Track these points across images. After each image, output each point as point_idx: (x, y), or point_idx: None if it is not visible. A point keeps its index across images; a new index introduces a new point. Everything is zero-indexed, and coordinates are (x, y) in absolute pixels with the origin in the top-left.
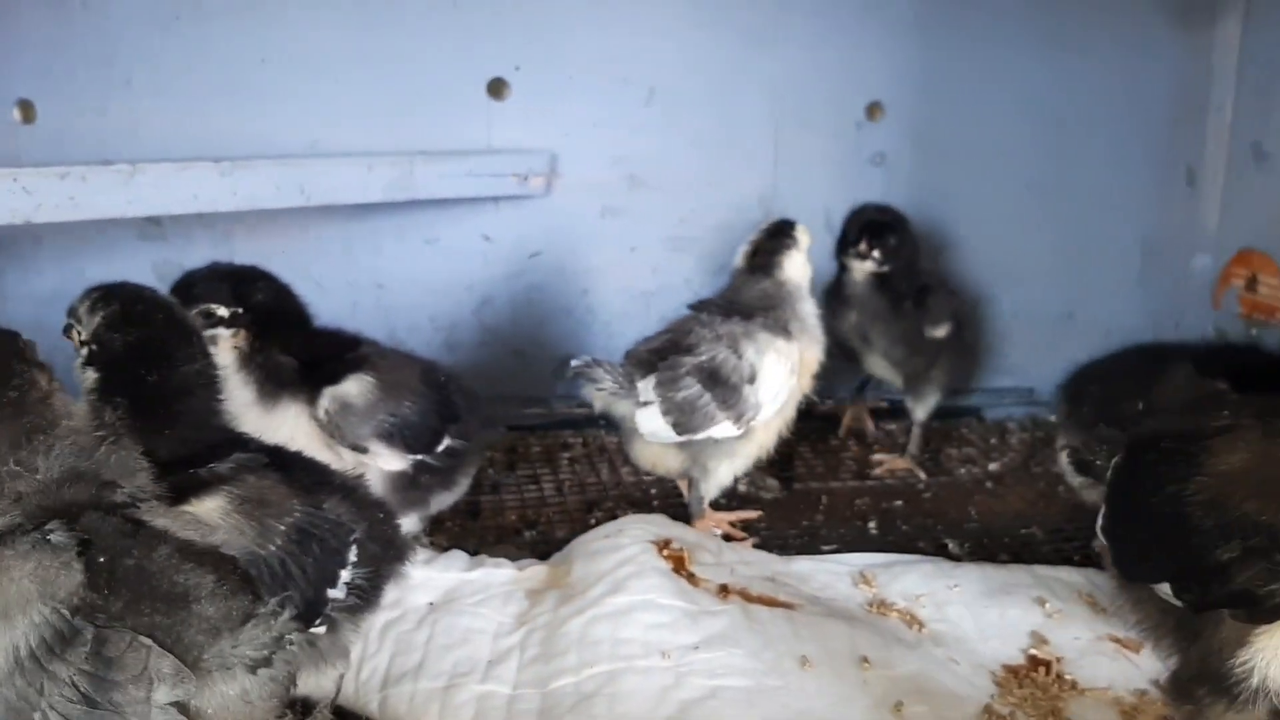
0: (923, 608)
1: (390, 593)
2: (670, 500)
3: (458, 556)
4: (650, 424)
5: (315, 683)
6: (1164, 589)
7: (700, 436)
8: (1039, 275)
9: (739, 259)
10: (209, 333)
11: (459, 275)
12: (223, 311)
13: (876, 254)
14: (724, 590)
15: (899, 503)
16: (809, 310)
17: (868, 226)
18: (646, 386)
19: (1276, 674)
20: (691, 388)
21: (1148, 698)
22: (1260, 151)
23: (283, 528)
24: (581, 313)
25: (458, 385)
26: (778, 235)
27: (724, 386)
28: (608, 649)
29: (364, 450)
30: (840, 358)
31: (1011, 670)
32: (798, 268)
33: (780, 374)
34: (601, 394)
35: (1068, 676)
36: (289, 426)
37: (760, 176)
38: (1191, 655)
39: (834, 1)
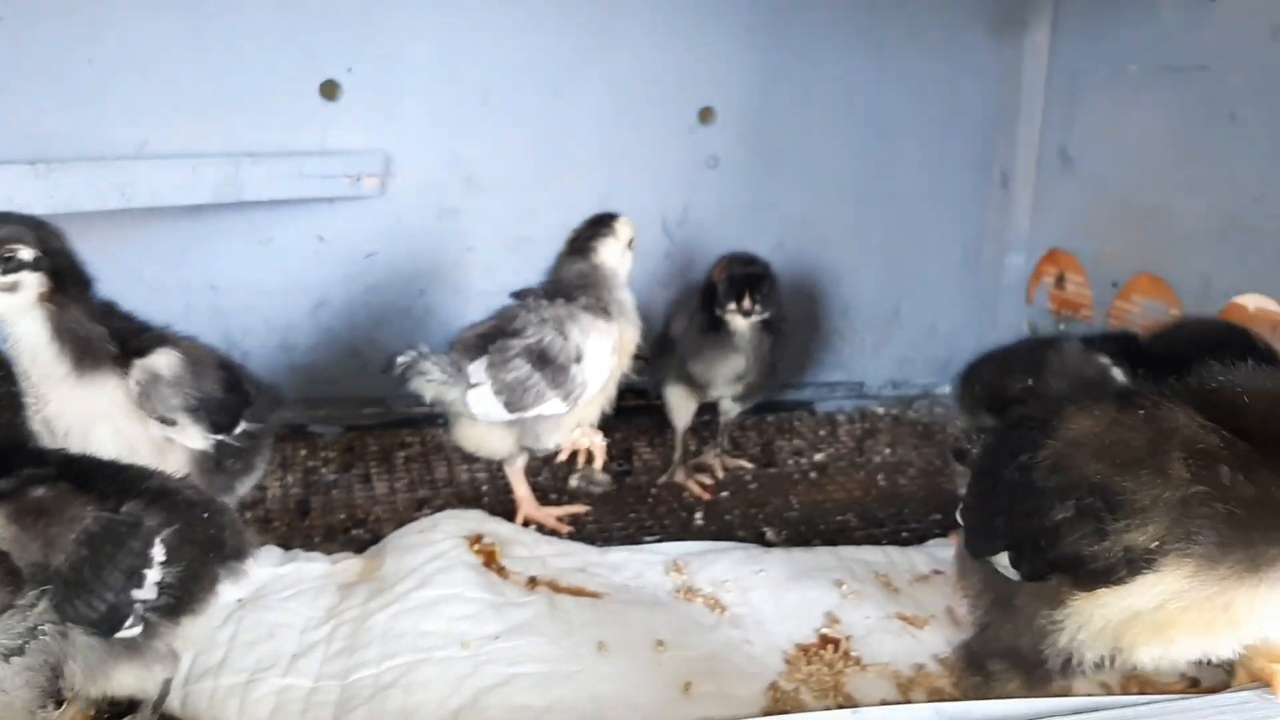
0: (728, 592)
1: (231, 591)
2: (501, 497)
3: (272, 552)
4: (482, 404)
5: (138, 684)
6: (1002, 561)
7: (530, 414)
8: (867, 274)
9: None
10: (12, 278)
11: (294, 277)
12: (26, 254)
13: (759, 307)
14: (532, 582)
15: (725, 494)
16: (626, 297)
17: (746, 283)
18: (477, 369)
19: (1084, 640)
20: (521, 368)
21: (924, 671)
22: (1066, 156)
23: (72, 536)
24: (419, 313)
25: (244, 371)
26: (597, 224)
27: (553, 366)
28: (410, 641)
29: (172, 423)
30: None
31: (802, 649)
32: (614, 255)
33: (604, 353)
34: (431, 384)
35: (853, 653)
36: (105, 400)
37: (596, 178)
38: (1000, 628)
39: (668, 8)
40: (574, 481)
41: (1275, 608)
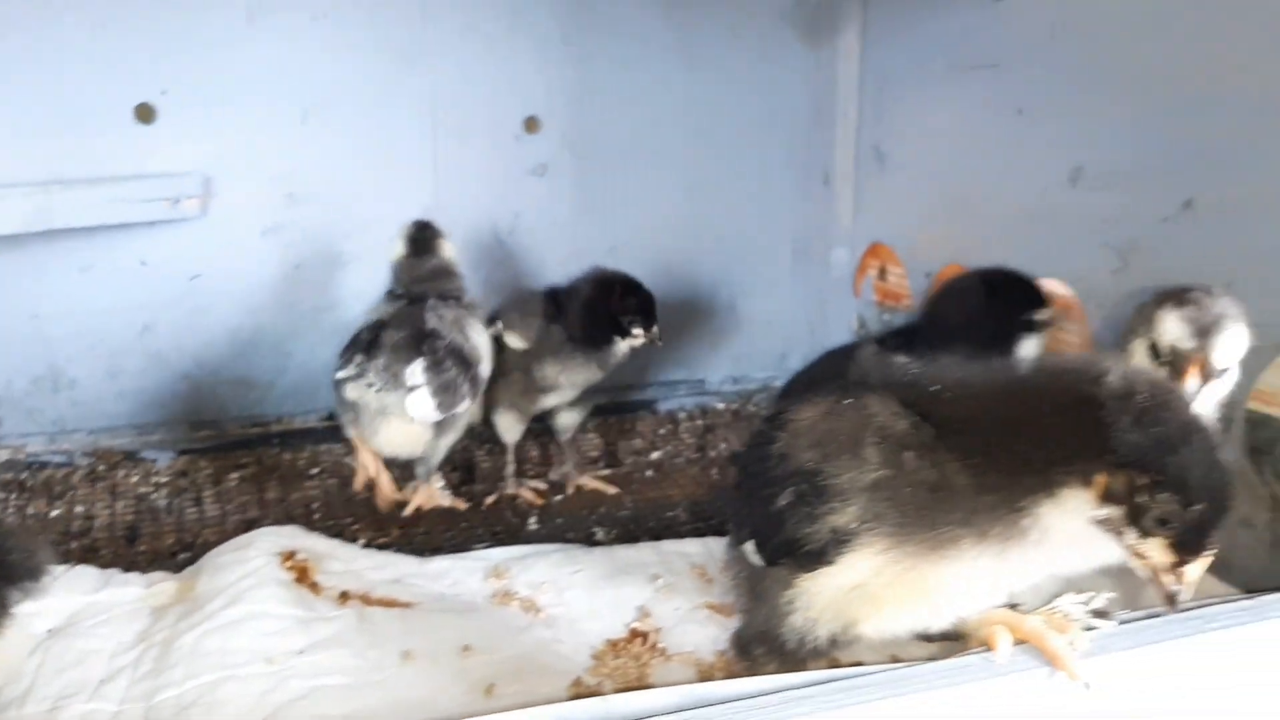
0: (544, 594)
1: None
2: (333, 515)
3: (86, 574)
4: (421, 407)
5: None
6: (750, 549)
7: (455, 413)
8: (702, 273)
9: (396, 251)
10: None
11: (118, 301)
12: None
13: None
14: (344, 596)
15: (559, 498)
16: None
17: (644, 307)
18: (414, 371)
19: (814, 619)
20: (451, 369)
21: (725, 657)
22: (880, 153)
23: None
24: (249, 332)
25: None
26: (426, 226)
27: (468, 365)
28: (215, 659)
29: None
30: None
31: (611, 644)
32: (452, 249)
33: (490, 352)
34: (371, 390)
35: (660, 645)
36: None
37: (422, 190)
38: (756, 613)
39: (482, 21)
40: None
41: (960, 582)
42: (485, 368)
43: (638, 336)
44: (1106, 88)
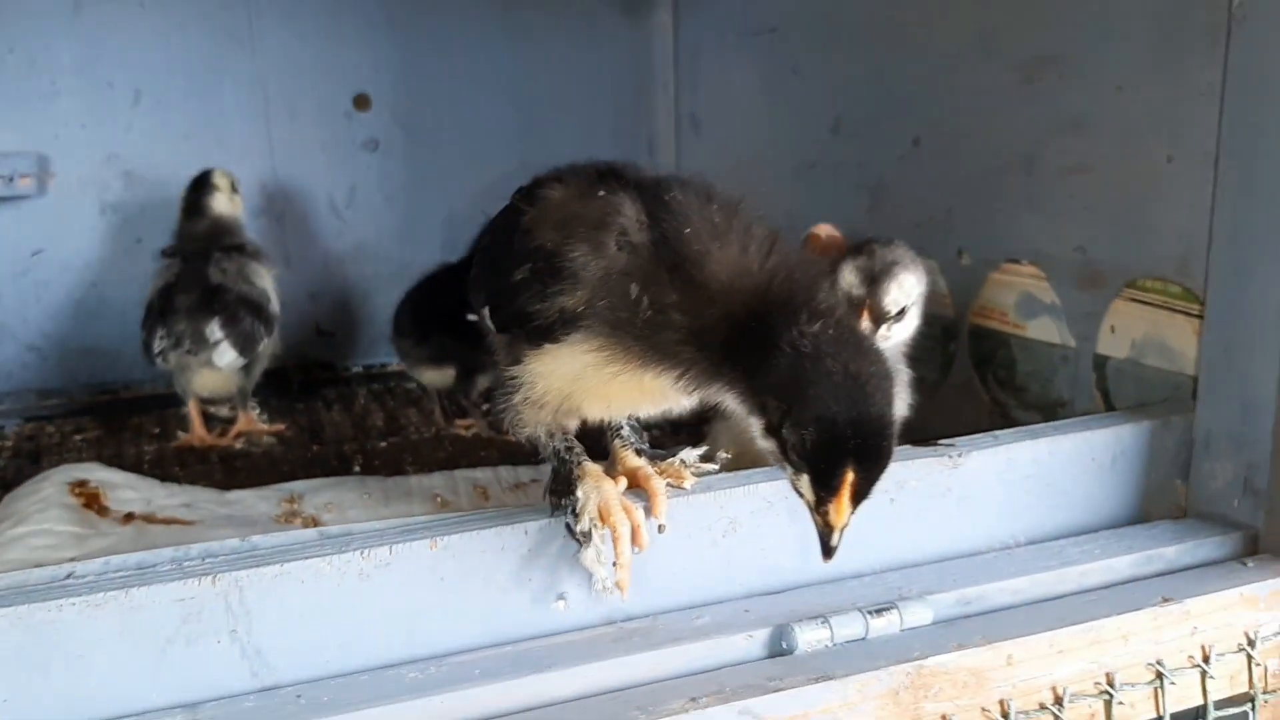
0: (328, 513)
1: None
2: (166, 465)
3: None
4: (226, 357)
5: None
6: (485, 314)
7: (255, 355)
8: None
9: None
10: None
11: None
12: None
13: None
14: (128, 517)
15: (384, 444)
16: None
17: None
18: (213, 329)
19: (536, 395)
20: (245, 317)
21: None
22: (695, 121)
23: None
24: (93, 303)
25: None
26: (199, 186)
27: (259, 308)
28: None
29: None
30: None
31: None
32: (225, 205)
33: (276, 288)
34: (180, 353)
35: None
36: None
37: (257, 166)
38: (498, 380)
39: (306, 3)
40: (238, 445)
41: (655, 400)
42: (273, 305)
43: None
44: (856, 43)
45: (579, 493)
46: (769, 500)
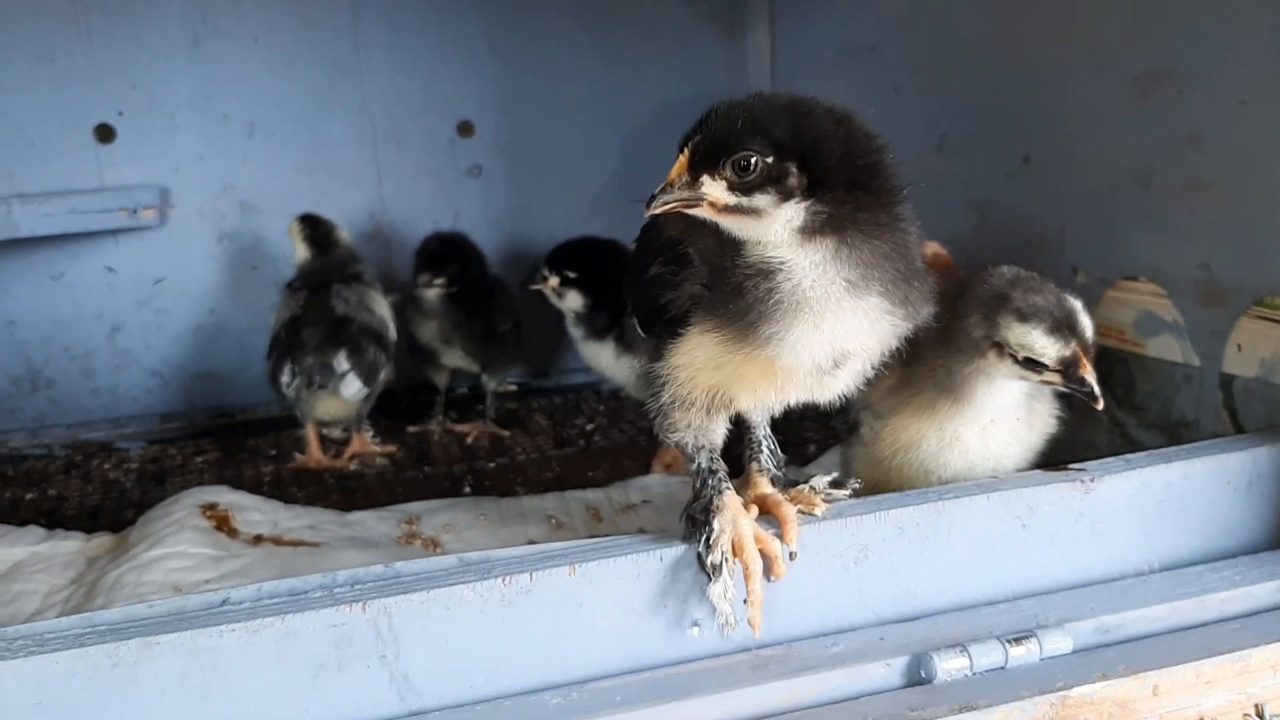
0: (446, 534)
1: None
2: (283, 485)
3: (32, 531)
4: (351, 388)
5: None
6: (634, 324)
7: (377, 383)
8: None
9: (300, 254)
10: None
11: (87, 306)
12: None
13: (439, 281)
14: (258, 539)
15: (491, 465)
16: None
17: (428, 260)
18: (340, 361)
19: (682, 390)
20: (369, 348)
21: None
22: None
23: None
24: (211, 330)
25: None
26: (318, 223)
27: (380, 338)
28: (129, 590)
29: None
30: (418, 355)
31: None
32: (346, 237)
33: (391, 315)
34: (311, 389)
35: None
36: None
37: (366, 194)
38: (648, 385)
39: (411, 34)
40: (353, 466)
41: (796, 369)
42: (392, 333)
43: (423, 282)
44: (961, 61)
45: (715, 523)
46: (900, 527)
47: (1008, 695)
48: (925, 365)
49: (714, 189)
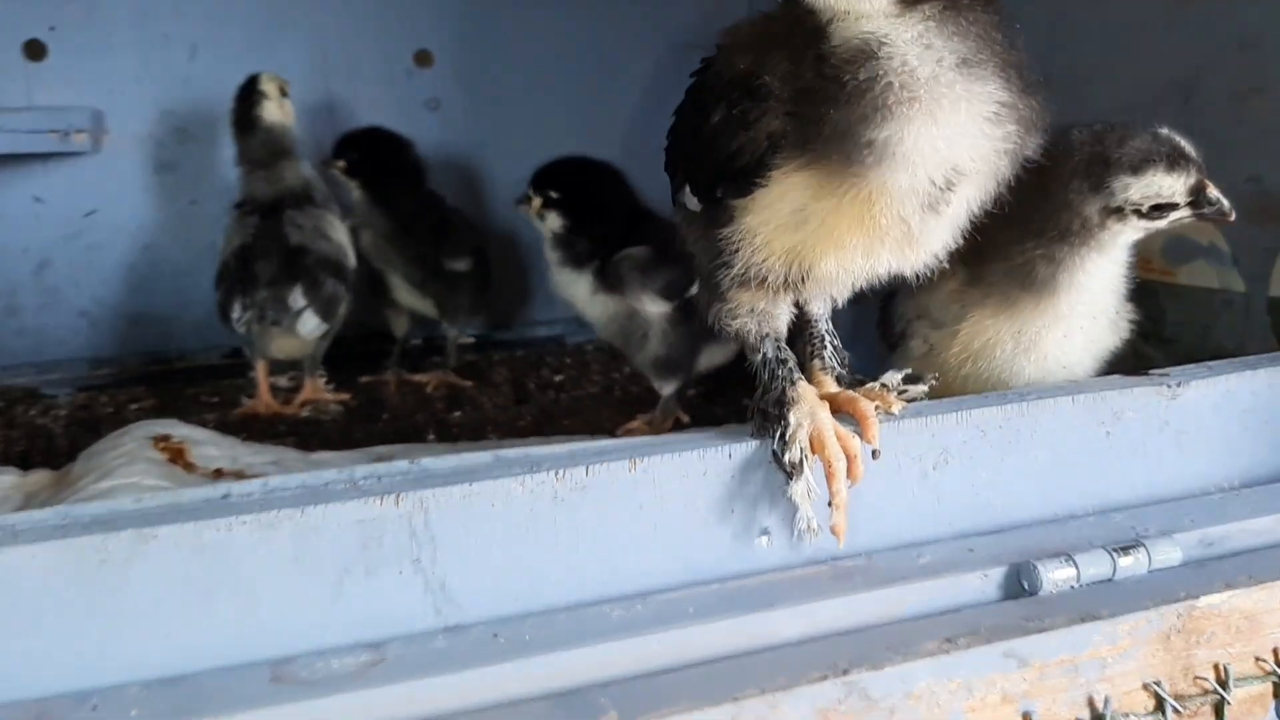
0: None
1: None
2: (229, 432)
3: None
4: (308, 324)
5: None
6: (687, 195)
7: (336, 319)
8: None
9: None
10: None
11: (12, 239)
12: None
13: (338, 164)
14: (218, 473)
15: (457, 413)
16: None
17: (338, 144)
18: (296, 297)
19: (758, 256)
20: (328, 282)
21: None
22: None
23: None
24: (147, 268)
25: None
26: (246, 95)
27: (339, 269)
28: None
29: None
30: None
31: None
32: (276, 113)
33: (349, 238)
34: (263, 325)
35: None
36: None
37: (315, 124)
38: (705, 272)
39: None
40: (305, 413)
41: (904, 197)
42: (350, 259)
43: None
44: None
45: (791, 417)
46: (982, 429)
47: (1131, 605)
48: (1004, 260)
49: None
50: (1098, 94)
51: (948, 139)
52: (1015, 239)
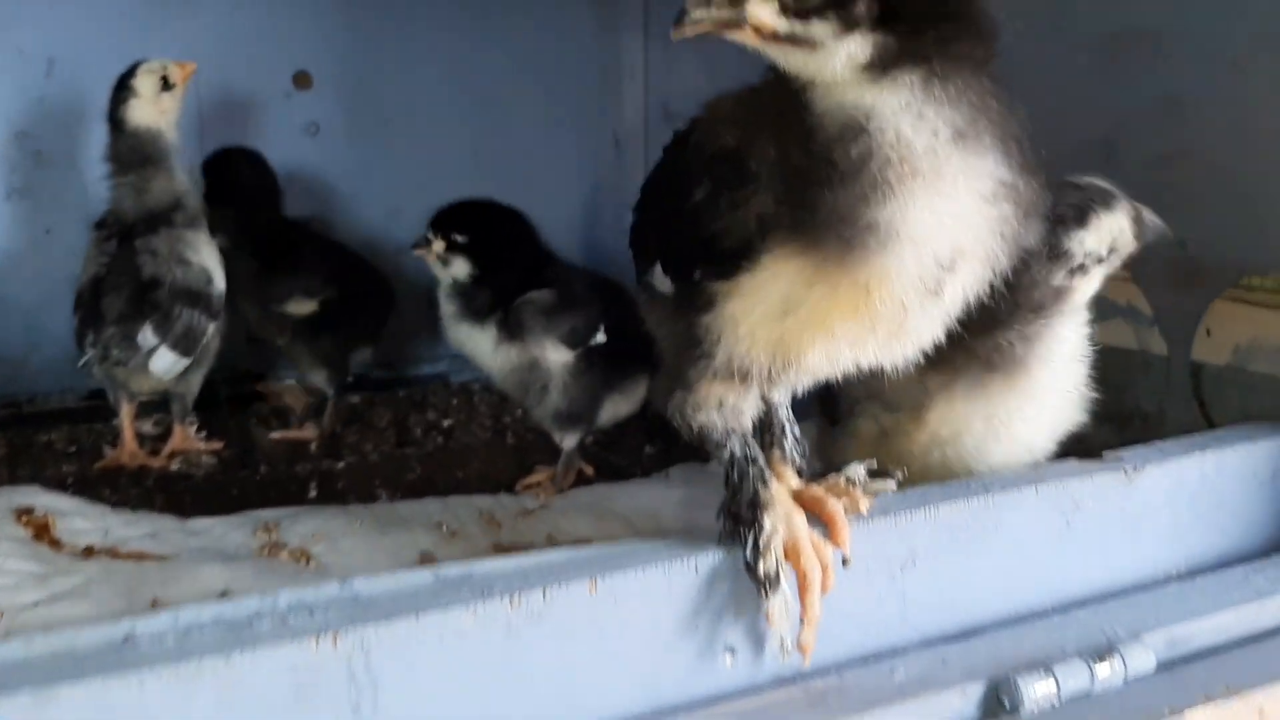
0: (317, 544)
1: None
2: (93, 488)
3: None
4: (163, 363)
5: None
6: (658, 275)
7: (200, 350)
8: None
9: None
10: None
11: None
12: None
13: None
14: (89, 551)
15: (341, 465)
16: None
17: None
18: (146, 336)
19: (740, 347)
20: (183, 313)
21: None
22: (669, 113)
23: None
24: None
25: None
26: (117, 89)
27: (199, 298)
28: None
29: None
30: None
31: None
32: (146, 114)
33: (219, 259)
34: (116, 368)
35: None
36: None
37: (185, 150)
38: (675, 353)
39: None
40: (174, 466)
41: (906, 282)
42: (218, 282)
43: None
44: None
45: (765, 521)
46: (951, 526)
47: None
48: (966, 350)
49: (761, 9)
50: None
51: (953, 215)
52: (979, 332)
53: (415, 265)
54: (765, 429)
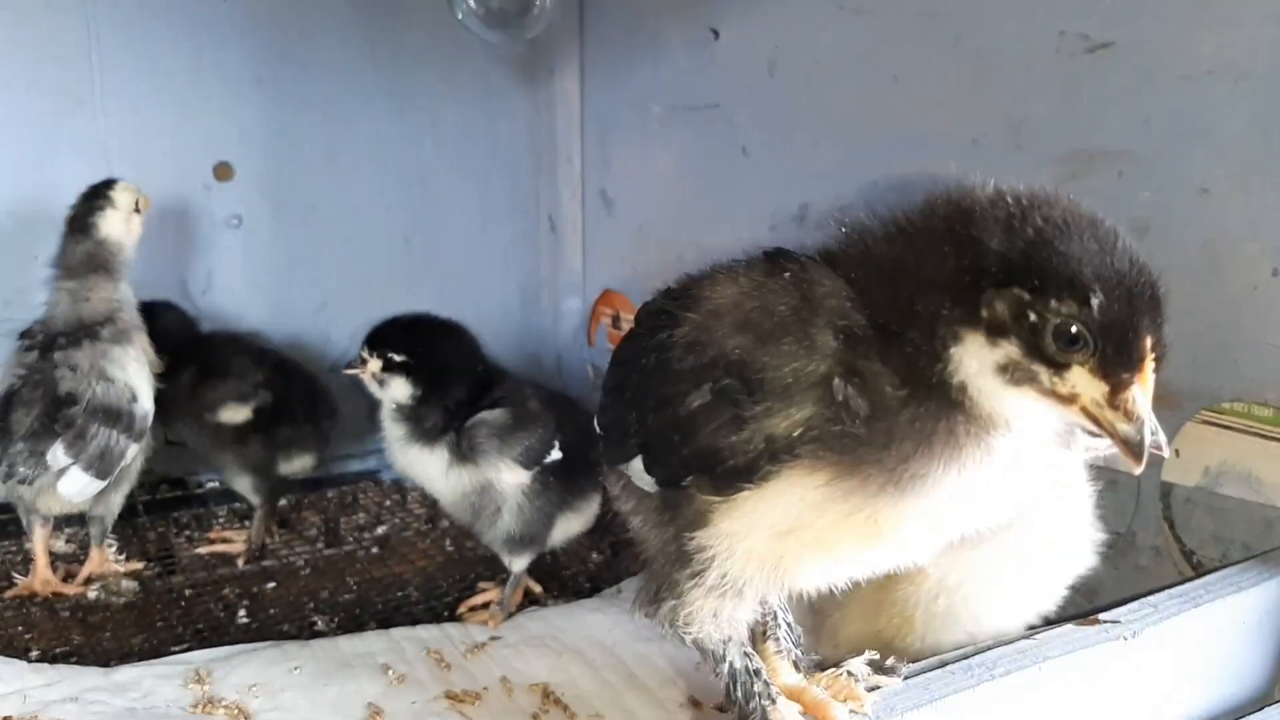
0: (255, 698)
1: None
2: (3, 621)
3: None
4: (74, 484)
5: None
6: (636, 468)
7: (118, 473)
8: None
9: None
10: None
11: None
12: None
13: None
14: None
15: (271, 584)
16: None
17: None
18: (56, 455)
19: (735, 566)
20: (98, 433)
21: None
22: (606, 198)
23: None
24: None
25: None
26: (92, 196)
27: (119, 416)
28: None
29: None
30: None
31: None
32: (117, 227)
33: (146, 377)
34: (21, 487)
35: None
36: None
37: None
38: (658, 561)
39: (161, 58)
40: (92, 593)
41: (918, 526)
42: (144, 401)
43: None
44: (832, 127)
45: None
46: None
47: None
48: None
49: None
50: None
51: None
52: None
53: (341, 359)
54: (759, 619)
